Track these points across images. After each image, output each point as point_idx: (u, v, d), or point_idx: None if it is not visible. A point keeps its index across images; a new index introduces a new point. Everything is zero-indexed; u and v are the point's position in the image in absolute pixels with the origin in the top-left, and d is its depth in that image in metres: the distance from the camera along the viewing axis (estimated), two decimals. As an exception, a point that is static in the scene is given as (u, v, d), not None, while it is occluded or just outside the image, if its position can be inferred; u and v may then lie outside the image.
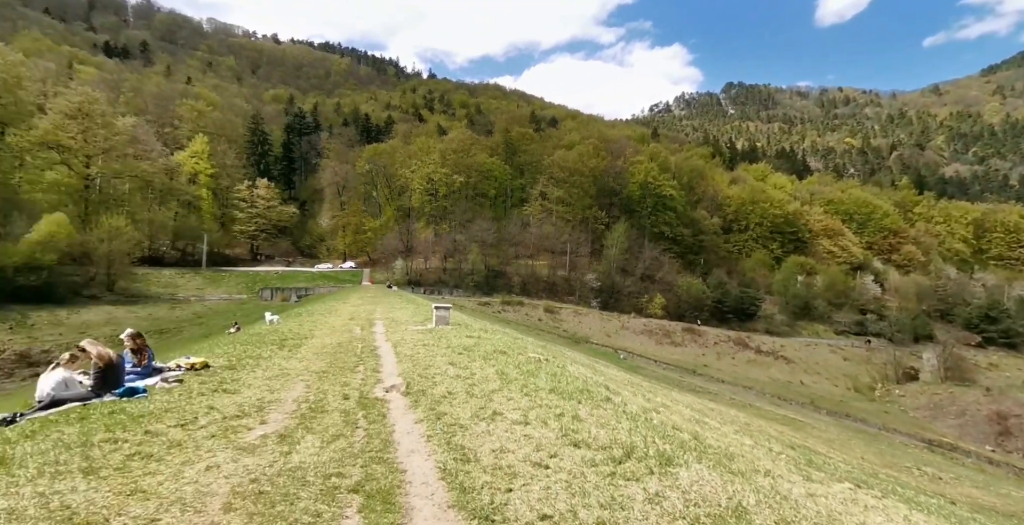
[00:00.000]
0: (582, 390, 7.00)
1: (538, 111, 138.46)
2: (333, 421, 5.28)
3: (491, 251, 75.58)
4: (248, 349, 10.08)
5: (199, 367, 7.88)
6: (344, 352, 9.84)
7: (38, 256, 48.09)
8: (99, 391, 6.04)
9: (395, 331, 13.20)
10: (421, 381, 7.21)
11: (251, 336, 13.01)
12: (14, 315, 44.99)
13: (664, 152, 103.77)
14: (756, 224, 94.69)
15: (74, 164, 62.66)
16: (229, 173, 79.53)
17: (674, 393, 25.01)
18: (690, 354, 62.40)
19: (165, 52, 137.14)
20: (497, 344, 10.86)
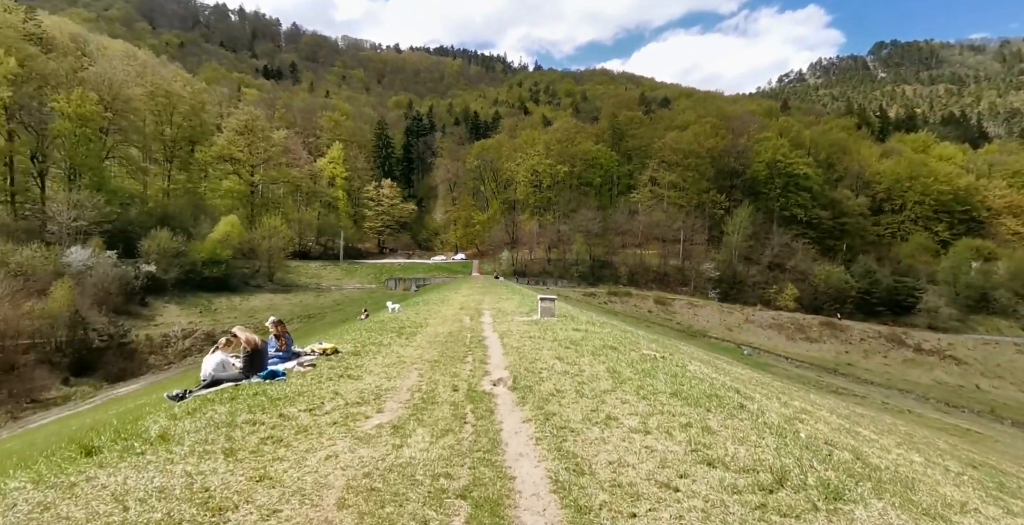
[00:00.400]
0: (709, 395, 6.14)
1: (648, 92, 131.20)
2: (443, 414, 5.20)
3: (596, 241, 73.84)
4: (372, 336, 10.75)
5: (330, 352, 8.51)
6: (454, 342, 9.99)
7: (218, 252, 57.50)
8: (247, 373, 6.74)
9: (502, 322, 13.22)
10: (528, 376, 6.93)
11: (376, 323, 13.98)
12: (202, 301, 54.51)
13: (797, 126, 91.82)
14: (915, 203, 79.65)
15: (242, 173, 74.05)
16: (359, 175, 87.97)
17: (812, 395, 22.00)
18: (829, 351, 54.88)
19: (309, 70, 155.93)
20: (606, 338, 10.24)
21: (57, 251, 47.72)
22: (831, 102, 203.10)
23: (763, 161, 79.14)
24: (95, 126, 58.63)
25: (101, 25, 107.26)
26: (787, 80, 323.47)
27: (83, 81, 59.73)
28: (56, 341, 41.05)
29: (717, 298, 67.30)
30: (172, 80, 75.55)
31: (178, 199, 67.80)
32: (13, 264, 43.19)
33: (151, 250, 53.33)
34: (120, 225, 56.90)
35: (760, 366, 42.32)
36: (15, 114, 52.76)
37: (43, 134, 54.78)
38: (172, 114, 69.36)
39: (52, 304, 40.96)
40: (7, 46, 53.92)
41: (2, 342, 38.52)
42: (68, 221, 51.01)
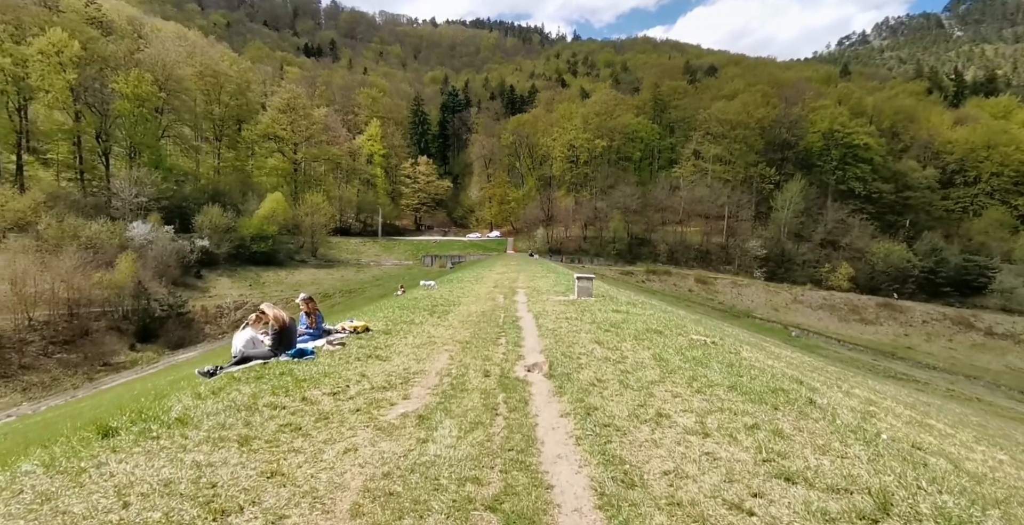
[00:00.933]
0: (774, 389, 5.40)
1: (693, 60, 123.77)
2: (473, 404, 4.75)
3: (634, 218, 71.59)
4: (404, 314, 10.48)
5: (360, 330, 8.25)
6: (487, 322, 9.56)
7: (265, 228, 59.46)
8: (276, 350, 6.52)
9: (536, 301, 12.68)
10: (565, 361, 6.39)
11: (409, 300, 13.77)
12: (251, 275, 56.79)
13: (858, 92, 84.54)
14: (992, 174, 72.37)
15: (286, 151, 75.69)
16: (396, 152, 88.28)
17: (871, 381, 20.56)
18: (887, 334, 51.70)
19: (347, 47, 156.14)
20: (649, 321, 9.52)
21: (121, 226, 50.39)
22: (898, 66, 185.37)
23: (818, 131, 73.60)
24: (151, 106, 60.90)
25: (154, 7, 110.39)
26: (848, 43, 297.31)
27: (139, 62, 61.83)
28: (123, 310, 43.79)
29: (763, 277, 64.33)
30: (219, 60, 77.18)
31: (227, 176, 70.21)
32: (84, 237, 46.06)
33: (204, 225, 55.71)
34: (175, 201, 59.56)
35: (809, 348, 40.36)
36: (80, 95, 55.24)
37: (105, 114, 57.28)
38: (220, 93, 71.12)
39: (118, 275, 43.53)
40: (71, 30, 56.24)
41: (77, 309, 41.56)
42: (130, 197, 53.69)
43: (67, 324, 40.49)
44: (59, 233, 45.12)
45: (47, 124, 54.88)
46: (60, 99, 53.84)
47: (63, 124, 54.79)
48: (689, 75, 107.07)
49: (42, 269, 40.58)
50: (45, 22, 56.13)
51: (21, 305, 37.83)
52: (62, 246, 43.57)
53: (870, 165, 71.83)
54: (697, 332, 8.76)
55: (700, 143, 79.37)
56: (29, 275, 39.24)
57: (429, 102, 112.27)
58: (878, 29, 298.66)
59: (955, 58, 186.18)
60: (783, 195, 67.82)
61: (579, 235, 74.22)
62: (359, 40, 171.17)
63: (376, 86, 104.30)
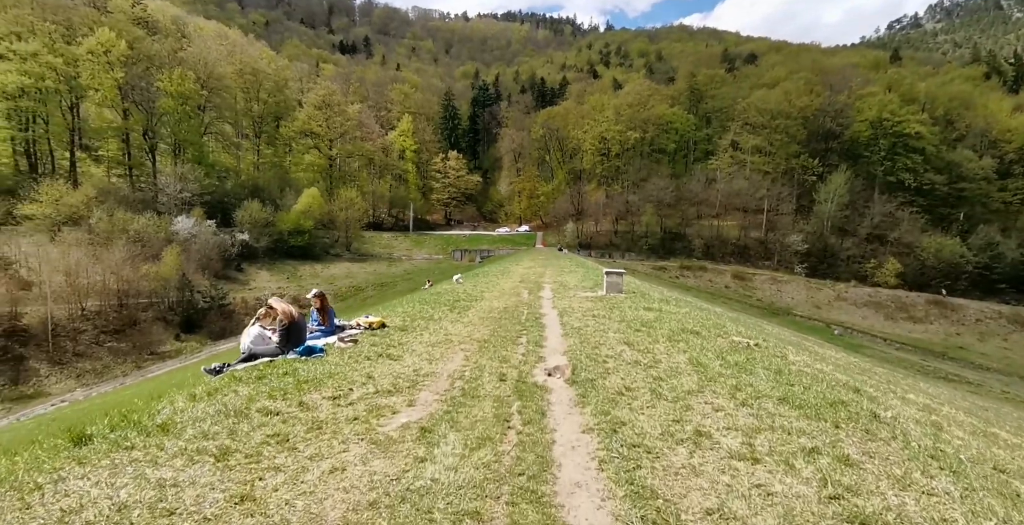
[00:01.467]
0: (832, 401, 4.62)
1: (732, 48, 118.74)
2: (483, 414, 4.20)
3: (668, 211, 69.34)
4: (424, 309, 10.06)
5: (376, 326, 7.86)
6: (509, 318, 9.00)
7: (302, 222, 60.74)
8: (284, 348, 6.17)
9: (563, 297, 12.04)
10: (590, 365, 5.77)
11: (432, 295, 13.37)
12: (288, 268, 58.18)
13: (909, 78, 78.99)
14: (1059, 164, 66.42)
15: (322, 147, 77.12)
16: (427, 147, 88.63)
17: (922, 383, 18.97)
18: (937, 333, 48.34)
19: (381, 43, 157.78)
20: (685, 320, 8.75)
21: (167, 220, 52.34)
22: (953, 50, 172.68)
23: (866, 120, 69.17)
24: (194, 103, 62.87)
25: (197, 7, 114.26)
26: (899, 26, 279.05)
27: (182, 61, 63.87)
28: (168, 301, 45.54)
29: (804, 273, 61.26)
30: (258, 58, 79.12)
31: (266, 172, 72.08)
32: (132, 231, 47.95)
33: (244, 220, 57.33)
34: (217, 196, 61.45)
35: (853, 347, 38.22)
36: (128, 94, 57.46)
37: (151, 112, 59.43)
38: (259, 91, 72.95)
39: (164, 268, 45.23)
40: (119, 29, 58.58)
41: (126, 300, 43.48)
42: (175, 192, 55.69)
43: (117, 314, 42.31)
44: (109, 227, 47.02)
45: (98, 122, 57.41)
46: (109, 97, 56.15)
47: (112, 122, 57.21)
48: (727, 63, 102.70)
49: (94, 261, 42.50)
50: (94, 22, 58.45)
51: (75, 295, 39.79)
52: (112, 239, 45.38)
53: (921, 155, 67.00)
54: (738, 333, 7.95)
55: (738, 134, 76.06)
56: (82, 267, 41.25)
57: (460, 97, 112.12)
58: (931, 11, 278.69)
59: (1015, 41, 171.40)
60: (827, 187, 64.19)
61: (610, 229, 72.63)
62: (392, 36, 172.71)
63: (408, 82, 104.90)
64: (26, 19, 54.47)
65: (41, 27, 54.46)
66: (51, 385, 34.56)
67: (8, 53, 50.48)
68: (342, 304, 51.78)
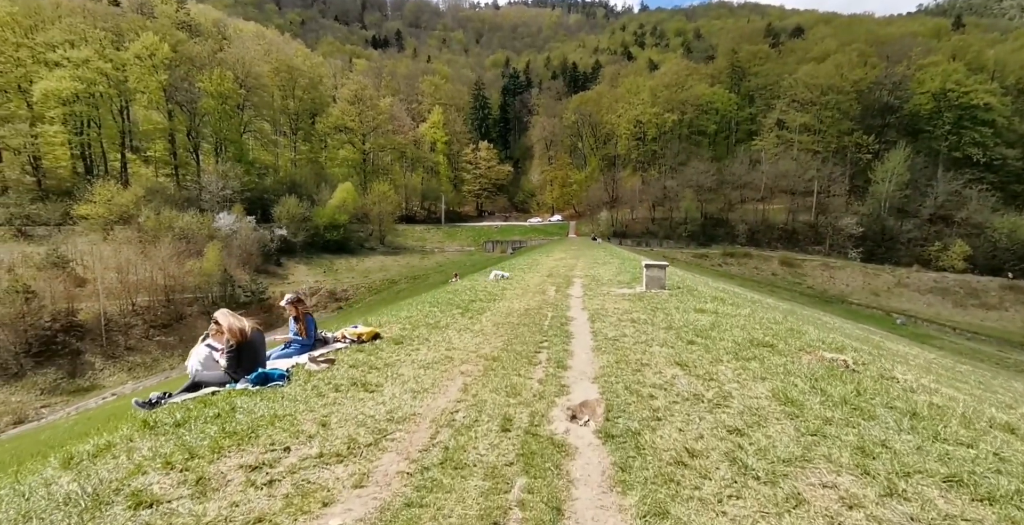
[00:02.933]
0: None
1: (776, 22, 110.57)
2: (463, 510, 2.63)
3: (708, 196, 65.44)
4: (432, 313, 8.59)
5: (366, 339, 6.45)
6: (529, 325, 7.37)
7: (336, 217, 61.09)
8: (233, 373, 4.83)
9: (595, 295, 10.27)
10: (631, 401, 4.08)
11: (446, 294, 11.88)
12: (324, 262, 58.69)
13: (976, 45, 70.85)
14: None
15: (355, 142, 77.34)
16: (458, 139, 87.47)
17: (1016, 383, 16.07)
18: (1014, 321, 43.33)
19: (412, 36, 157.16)
20: (750, 326, 6.86)
21: (209, 217, 53.64)
22: (1020, 15, 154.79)
23: (927, 92, 62.55)
24: (233, 102, 64.07)
25: (237, 9, 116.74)
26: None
27: (221, 62, 65.07)
28: (211, 296, 46.69)
29: (859, 258, 56.45)
30: (293, 56, 79.89)
31: (303, 168, 73.02)
32: (177, 229, 49.48)
33: (282, 215, 58.17)
34: (257, 193, 62.70)
35: (919, 338, 34.53)
36: (172, 95, 59.06)
37: (194, 112, 61.05)
38: (294, 88, 73.76)
39: (206, 264, 46.31)
40: (162, 33, 60.14)
41: (172, 295, 44.80)
42: (217, 190, 57.03)
43: (164, 309, 43.70)
44: (156, 225, 48.59)
45: (145, 124, 59.32)
46: (155, 99, 57.94)
47: (159, 123, 58.96)
48: (771, 38, 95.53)
49: (143, 258, 43.96)
50: (140, 28, 60.11)
51: (125, 291, 41.21)
52: (159, 237, 46.89)
53: (991, 128, 59.88)
54: (825, 344, 6.03)
55: (784, 112, 70.62)
56: (131, 264, 42.67)
57: (490, 86, 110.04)
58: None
59: None
60: (884, 166, 58.60)
61: (646, 217, 69.42)
62: (423, 28, 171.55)
63: (438, 73, 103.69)
64: (78, 27, 56.55)
65: (92, 34, 56.43)
66: (105, 378, 35.84)
67: (63, 60, 52.55)
68: (376, 297, 51.70)
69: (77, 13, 58.90)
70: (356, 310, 46.87)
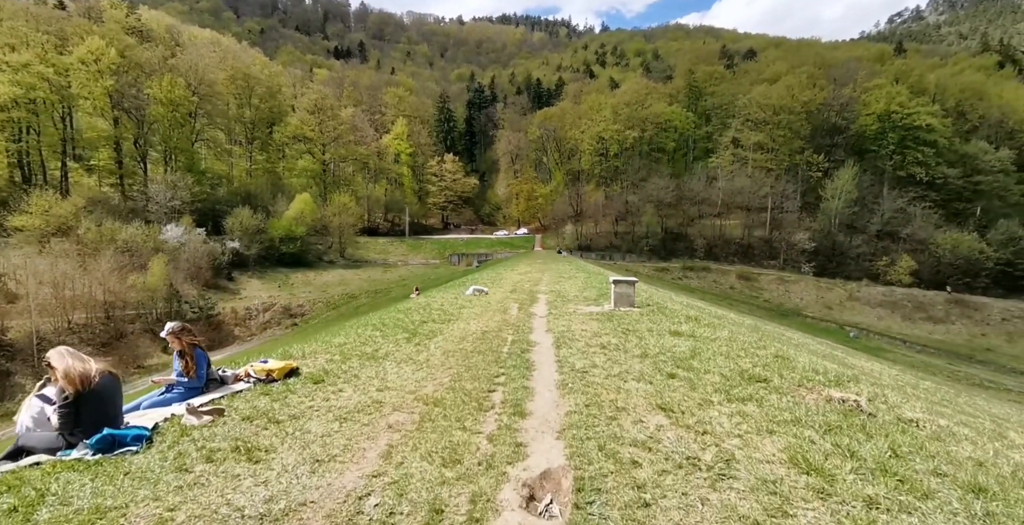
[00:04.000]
0: None
1: (730, 45, 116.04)
2: None
3: (669, 211, 66.69)
4: (374, 337, 7.35)
5: (278, 376, 5.17)
6: (484, 353, 6.25)
7: (293, 229, 58.55)
8: (69, 436, 3.49)
9: (560, 314, 9.27)
10: (609, 474, 2.99)
11: (401, 312, 10.60)
12: (280, 276, 55.81)
13: (918, 69, 76.22)
14: (1079, 154, 63.45)
15: (315, 152, 74.80)
16: (423, 151, 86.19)
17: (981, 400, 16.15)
18: (960, 334, 45.44)
19: (376, 48, 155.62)
20: (734, 353, 5.99)
21: (155, 229, 50.40)
22: (958, 42, 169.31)
23: (873, 113, 66.42)
24: (184, 110, 61.17)
25: (192, 17, 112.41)
26: (900, 20, 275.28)
27: (173, 68, 62.21)
28: (156, 313, 43.47)
29: (812, 272, 58.44)
30: (251, 64, 77.27)
31: (259, 178, 70.01)
32: (120, 241, 46.19)
33: (234, 227, 55.30)
34: (208, 204, 59.59)
35: (872, 351, 35.41)
36: (118, 102, 55.78)
37: (142, 119, 57.84)
38: (251, 96, 71.09)
39: (151, 278, 43.15)
40: (109, 38, 57.06)
41: (112, 312, 41.31)
42: (165, 201, 53.83)
43: (104, 327, 40.50)
44: (97, 237, 45.50)
45: (89, 131, 55.59)
46: (100, 106, 54.60)
47: (103, 131, 55.42)
48: (726, 59, 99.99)
49: (81, 272, 40.72)
50: (86, 33, 56.83)
51: (61, 308, 37.84)
52: (100, 249, 43.77)
53: (933, 148, 64.02)
54: (822, 376, 5.20)
55: (739, 130, 73.36)
56: (68, 278, 39.30)
57: (455, 99, 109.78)
58: (934, 3, 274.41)
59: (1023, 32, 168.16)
60: (834, 184, 61.44)
61: (610, 231, 69.91)
62: (387, 41, 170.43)
63: (403, 85, 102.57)
64: (20, 31, 53.19)
65: (34, 38, 53.15)
66: (27, 404, 32.22)
67: (1, 65, 48.90)
68: (334, 313, 49.22)
69: (20, 16, 55.19)
70: (312, 327, 44.38)
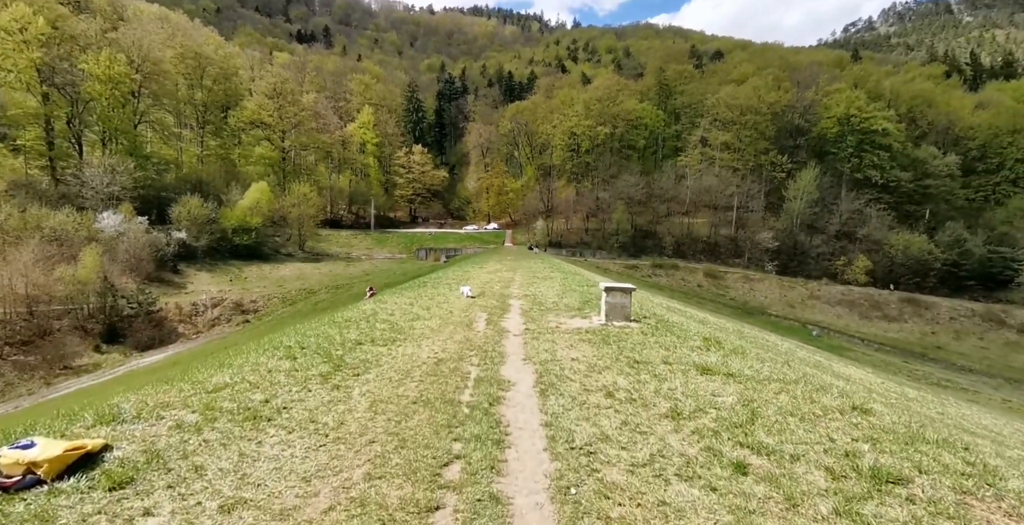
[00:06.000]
0: None
1: (699, 45, 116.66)
2: None
3: (639, 209, 65.88)
4: (276, 371, 5.05)
5: (49, 473, 2.86)
6: (434, 406, 4.01)
7: (248, 219, 54.22)
8: None
9: (540, 330, 7.11)
10: None
11: (336, 324, 8.19)
12: (232, 269, 51.58)
13: (875, 74, 78.18)
14: (1016, 160, 66.13)
15: (273, 139, 69.79)
16: (390, 141, 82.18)
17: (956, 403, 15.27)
18: (912, 332, 46.40)
19: (342, 34, 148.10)
20: (808, 411, 4.06)
21: (89, 217, 45.61)
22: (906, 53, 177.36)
23: (833, 116, 67.52)
24: (126, 89, 55.65)
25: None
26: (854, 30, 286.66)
27: (113, 42, 56.42)
28: (88, 308, 39.20)
29: (775, 271, 58.86)
30: (204, 43, 71.31)
31: (211, 165, 64.83)
32: (47, 229, 41.57)
33: (181, 217, 50.85)
34: (153, 191, 54.69)
35: (834, 349, 35.26)
36: (48, 76, 50.14)
37: (76, 97, 52.32)
38: (202, 77, 65.51)
39: (81, 270, 38.72)
40: (38, 6, 51.05)
41: (36, 307, 36.77)
42: (102, 186, 48.83)
43: (25, 323, 35.99)
44: (21, 224, 40.66)
45: (14, 108, 49.36)
46: (26, 80, 48.78)
47: (31, 108, 49.42)
48: (695, 59, 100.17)
49: (1, 263, 36.06)
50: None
51: (-27, 302, 33.18)
52: (23, 238, 39.05)
53: (888, 152, 65.73)
54: (992, 475, 3.31)
55: (708, 130, 73.30)
56: (-16, 270, 34.59)
57: (425, 90, 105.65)
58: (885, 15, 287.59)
59: (965, 44, 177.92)
60: (796, 184, 62.08)
61: (581, 227, 68.55)
62: (354, 27, 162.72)
63: (369, 72, 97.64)
64: (-67, -2, 46.44)
65: (-50, 5, 46.49)
66: (-65, 408, 27.89)
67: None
68: (290, 309, 45.65)
69: (-66, -18, 48.29)
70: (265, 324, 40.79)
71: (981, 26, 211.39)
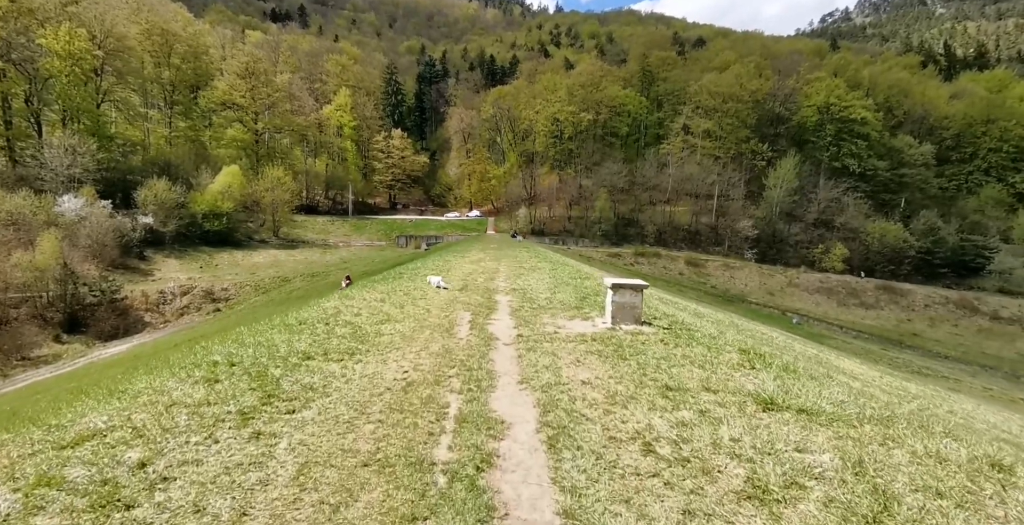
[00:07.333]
0: None
1: (681, 33, 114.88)
2: None
3: (621, 197, 64.91)
4: (179, 405, 3.59)
5: None
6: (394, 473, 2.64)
7: (219, 204, 51.28)
8: None
9: (536, 337, 5.73)
10: None
11: (287, 328, 6.67)
12: (202, 256, 48.85)
13: (855, 64, 77.96)
14: (990, 150, 67.09)
15: (246, 121, 66.01)
16: (368, 124, 78.86)
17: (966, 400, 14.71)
18: (889, 319, 46.84)
19: (318, 13, 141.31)
20: (919, 456, 2.86)
21: (49, 200, 42.39)
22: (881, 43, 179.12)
23: (813, 105, 67.20)
24: (87, 66, 51.63)
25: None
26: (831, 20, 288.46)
27: (73, 16, 52.02)
28: (48, 296, 36.48)
29: (754, 259, 58.81)
30: (171, 20, 66.53)
31: (180, 147, 61.05)
32: (3, 213, 38.52)
33: (148, 201, 47.72)
34: (118, 174, 51.27)
35: (814, 337, 35.08)
36: (4, 52, 46.07)
37: (34, 74, 48.30)
38: (170, 55, 61.29)
39: (39, 256, 35.90)
40: (-9, -22, 46.43)
41: (-11, 296, 33.94)
42: (63, 168, 45.40)
43: (-22, 312, 33.23)
44: (-28, 208, 37.28)
45: (-37, 84, 45.15)
46: (-23, 56, 44.60)
47: (-15, 85, 45.33)
48: (678, 46, 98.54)
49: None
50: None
51: (-79, 290, 30.44)
52: (-25, 223, 35.93)
53: (866, 141, 65.85)
54: None
55: (690, 117, 72.27)
56: (-66, 256, 31.69)
57: (404, 73, 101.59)
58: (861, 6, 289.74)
59: (938, 35, 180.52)
60: (776, 173, 61.79)
61: (563, 215, 67.24)
62: (330, 7, 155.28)
63: (347, 53, 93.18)
64: None
65: None
66: None
67: None
68: (263, 298, 43.39)
69: None
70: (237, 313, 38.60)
71: (954, 18, 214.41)
